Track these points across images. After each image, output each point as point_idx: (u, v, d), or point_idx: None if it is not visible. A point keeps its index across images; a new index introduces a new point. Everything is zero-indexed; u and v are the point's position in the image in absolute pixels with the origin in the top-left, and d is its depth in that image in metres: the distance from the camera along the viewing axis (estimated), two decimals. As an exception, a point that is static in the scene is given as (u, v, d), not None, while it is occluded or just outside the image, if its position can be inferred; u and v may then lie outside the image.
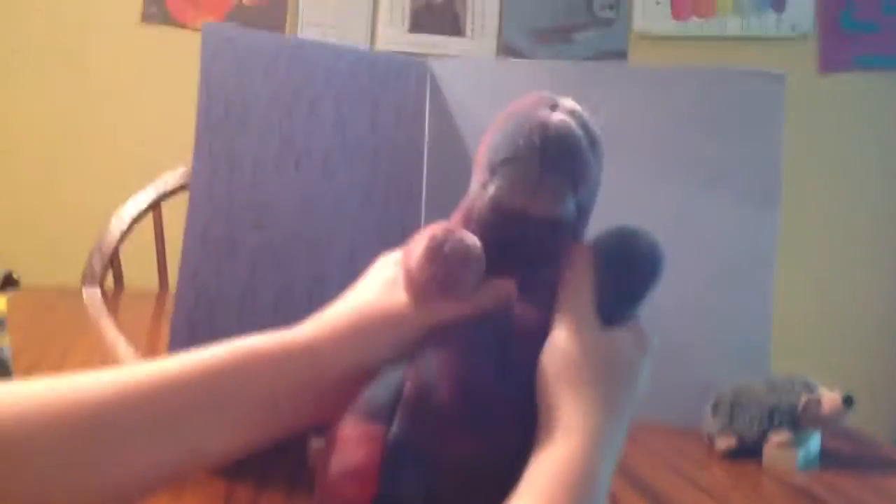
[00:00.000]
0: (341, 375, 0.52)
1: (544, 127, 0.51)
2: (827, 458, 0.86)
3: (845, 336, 2.69)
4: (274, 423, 0.52)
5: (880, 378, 2.67)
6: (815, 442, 0.86)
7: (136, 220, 1.68)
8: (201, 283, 0.74)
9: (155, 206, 1.70)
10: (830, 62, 2.65)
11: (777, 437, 0.81)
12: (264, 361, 0.51)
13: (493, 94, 0.94)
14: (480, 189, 0.54)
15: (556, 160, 0.51)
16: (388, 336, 0.52)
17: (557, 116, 0.52)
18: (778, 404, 0.82)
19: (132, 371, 0.49)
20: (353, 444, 0.50)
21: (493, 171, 0.53)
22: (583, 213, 0.55)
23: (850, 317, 2.69)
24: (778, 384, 0.84)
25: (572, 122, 0.52)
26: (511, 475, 0.52)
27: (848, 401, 0.81)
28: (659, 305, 0.92)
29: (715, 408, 0.85)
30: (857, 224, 2.68)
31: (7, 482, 0.45)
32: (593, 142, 0.53)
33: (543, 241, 0.54)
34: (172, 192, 1.70)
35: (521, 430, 0.51)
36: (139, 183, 1.72)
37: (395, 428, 0.49)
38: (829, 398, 0.81)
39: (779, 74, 0.92)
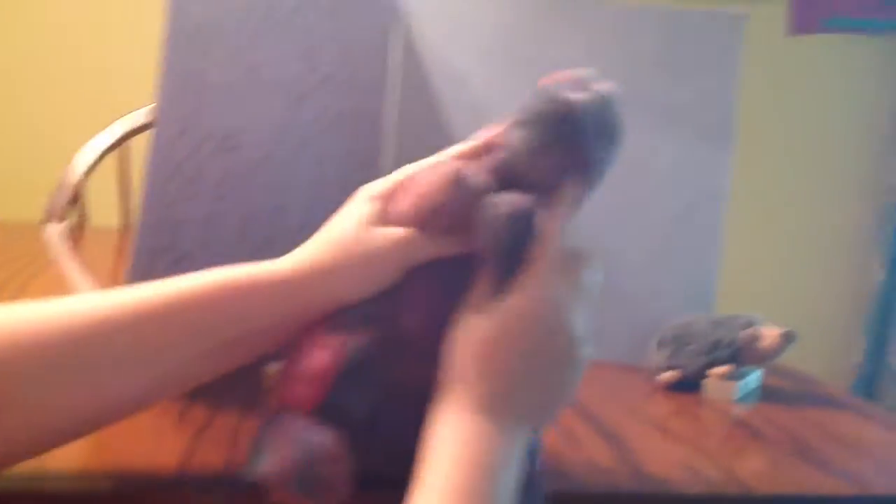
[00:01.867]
0: (318, 309, 0.52)
1: (553, 100, 0.53)
2: (767, 395, 0.90)
3: (795, 281, 2.77)
4: (245, 353, 0.53)
5: (828, 321, 2.77)
6: (754, 377, 0.90)
7: (102, 156, 1.67)
8: (165, 205, 0.75)
9: (120, 144, 1.69)
10: (801, 24, 2.68)
11: (717, 370, 0.85)
12: (240, 294, 0.51)
13: (457, 26, 0.96)
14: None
15: (556, 134, 0.53)
16: (366, 274, 0.53)
17: (575, 96, 0.53)
18: (720, 338, 0.85)
19: (114, 299, 0.50)
20: (314, 349, 0.51)
21: (506, 129, 0.55)
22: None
23: (799, 262, 2.78)
24: (721, 320, 0.87)
25: (584, 106, 0.53)
26: None
27: (788, 336, 0.84)
28: (610, 244, 0.95)
29: (660, 342, 0.88)
30: (816, 177, 2.76)
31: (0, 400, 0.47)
32: (606, 129, 0.54)
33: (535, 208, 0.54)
34: (139, 130, 1.70)
35: None
36: (105, 120, 1.71)
37: (358, 341, 0.51)
38: (769, 333, 0.85)
39: (737, 16, 0.94)
